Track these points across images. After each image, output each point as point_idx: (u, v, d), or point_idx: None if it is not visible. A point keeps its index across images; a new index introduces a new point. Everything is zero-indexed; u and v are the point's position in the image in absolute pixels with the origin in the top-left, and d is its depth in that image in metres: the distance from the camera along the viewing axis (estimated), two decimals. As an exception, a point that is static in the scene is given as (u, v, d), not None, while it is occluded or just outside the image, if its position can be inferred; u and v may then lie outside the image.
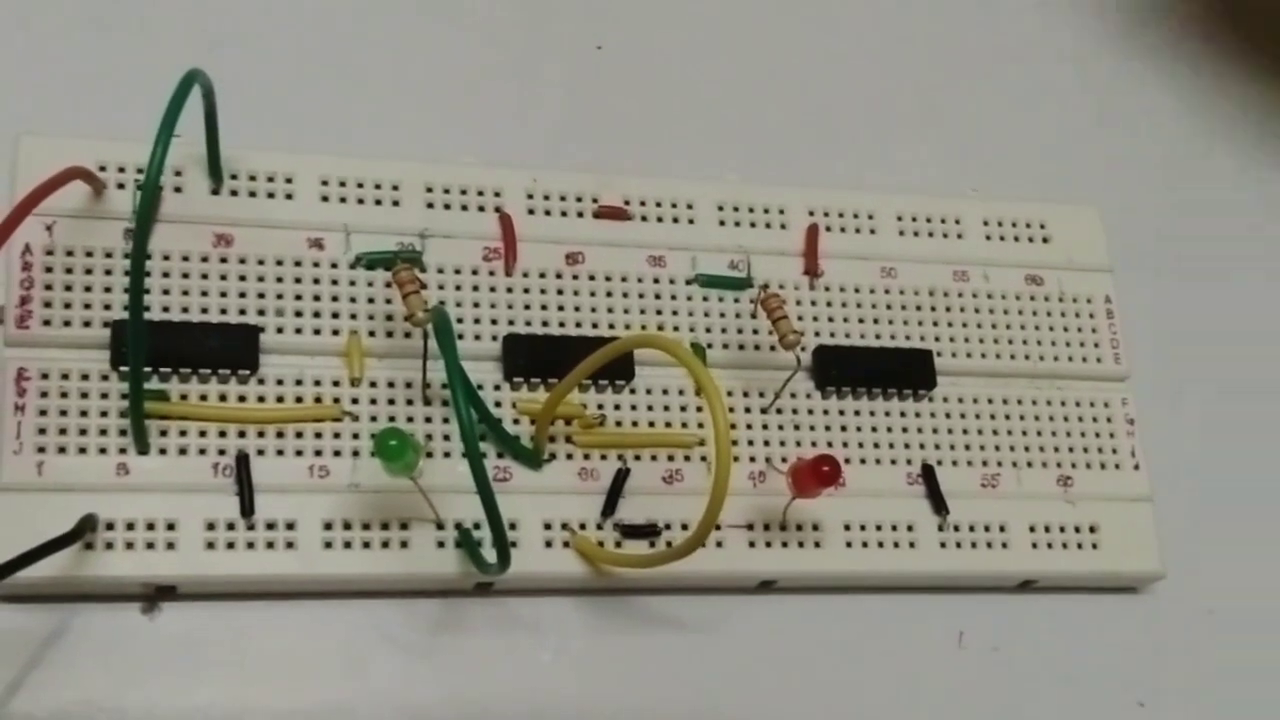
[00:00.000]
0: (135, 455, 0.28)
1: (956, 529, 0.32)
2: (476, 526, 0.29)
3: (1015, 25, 0.40)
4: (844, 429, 0.32)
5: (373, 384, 0.30)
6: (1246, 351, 0.38)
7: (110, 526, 0.27)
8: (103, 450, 0.28)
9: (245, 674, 0.28)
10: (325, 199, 0.31)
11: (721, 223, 0.33)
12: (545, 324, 0.31)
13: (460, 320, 0.30)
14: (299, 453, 0.29)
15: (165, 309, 0.29)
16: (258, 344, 0.29)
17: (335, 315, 0.30)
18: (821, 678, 0.31)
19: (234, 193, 0.30)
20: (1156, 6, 0.42)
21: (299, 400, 0.29)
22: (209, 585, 0.28)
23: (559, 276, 0.31)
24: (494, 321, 0.31)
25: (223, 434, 0.28)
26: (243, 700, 0.28)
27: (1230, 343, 0.38)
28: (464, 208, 0.31)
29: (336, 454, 0.29)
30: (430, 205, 0.31)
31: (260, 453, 0.28)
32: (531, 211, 0.32)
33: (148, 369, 0.28)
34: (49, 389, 0.28)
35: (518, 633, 0.30)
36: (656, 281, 0.32)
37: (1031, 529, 0.33)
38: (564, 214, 0.32)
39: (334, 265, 0.30)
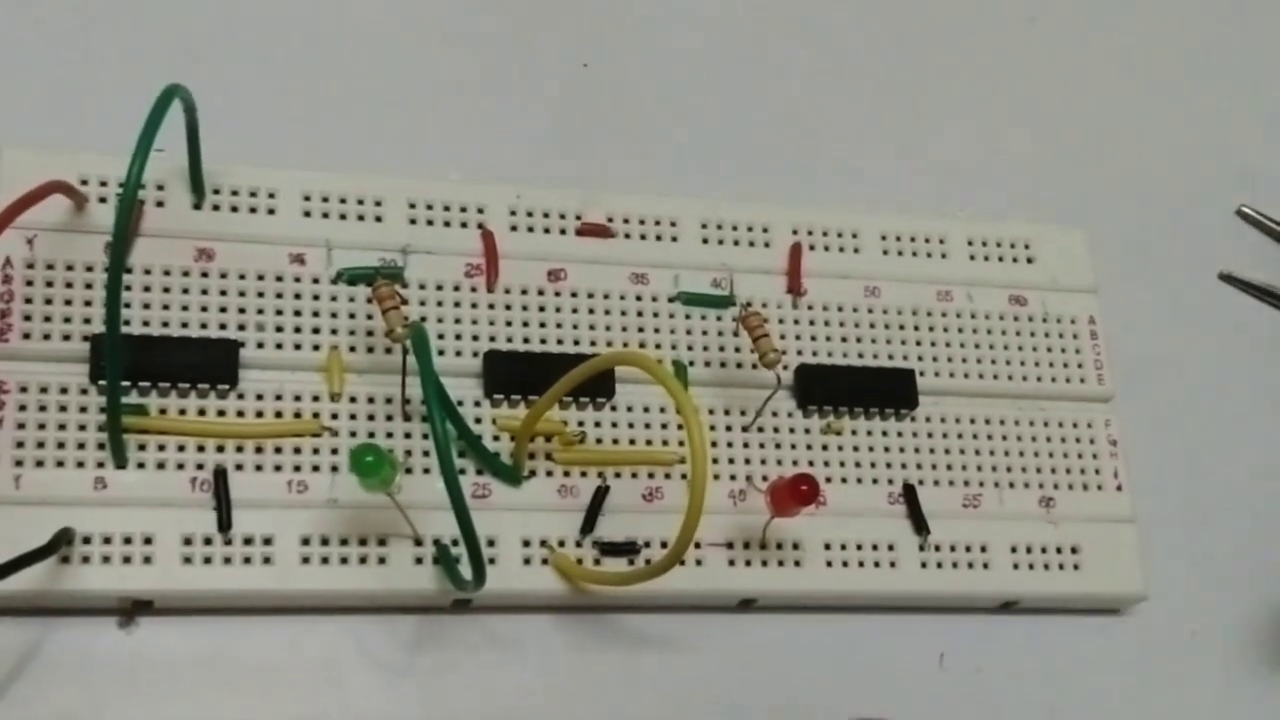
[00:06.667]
0: (113, 469, 0.28)
1: (938, 549, 0.32)
2: (454, 543, 0.29)
3: (1001, 45, 0.41)
4: (825, 448, 0.32)
5: (352, 399, 0.30)
6: (1230, 373, 0.38)
7: (88, 540, 0.27)
8: (81, 464, 0.28)
9: (222, 689, 0.28)
10: (307, 214, 0.31)
11: (704, 240, 0.33)
12: (526, 341, 0.31)
13: (441, 336, 0.30)
14: (278, 468, 0.29)
15: (146, 323, 0.29)
16: (237, 358, 0.29)
17: (316, 330, 0.30)
18: (802, 697, 0.31)
19: (216, 207, 0.30)
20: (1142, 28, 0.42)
21: (278, 415, 0.29)
22: (186, 600, 0.28)
23: (541, 293, 0.32)
24: (475, 338, 0.31)
25: (201, 448, 0.28)
26: (219, 715, 0.28)
27: (1214, 364, 0.38)
28: (446, 224, 0.32)
29: (315, 469, 0.29)
30: (413, 221, 0.31)
31: (239, 467, 0.28)
32: (514, 228, 0.32)
33: (127, 383, 0.28)
34: (28, 402, 0.28)
35: (496, 650, 0.30)
36: (639, 299, 0.32)
37: (1013, 549, 0.33)
38: (546, 231, 0.32)
39: (315, 281, 0.30)
